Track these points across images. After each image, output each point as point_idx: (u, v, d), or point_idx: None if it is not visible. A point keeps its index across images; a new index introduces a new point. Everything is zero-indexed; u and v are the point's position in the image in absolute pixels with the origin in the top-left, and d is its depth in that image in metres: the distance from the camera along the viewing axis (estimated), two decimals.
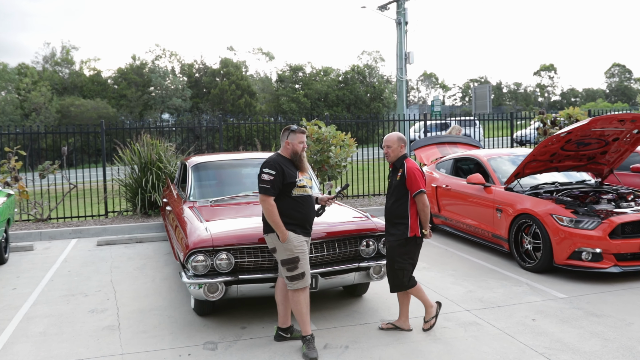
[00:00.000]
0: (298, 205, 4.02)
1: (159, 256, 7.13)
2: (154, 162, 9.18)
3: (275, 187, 3.94)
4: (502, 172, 6.91)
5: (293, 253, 3.95)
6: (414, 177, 4.16)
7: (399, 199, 4.19)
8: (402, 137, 4.33)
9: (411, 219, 4.17)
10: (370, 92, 38.46)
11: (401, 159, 4.27)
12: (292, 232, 3.98)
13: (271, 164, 4.01)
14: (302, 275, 3.96)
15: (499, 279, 5.71)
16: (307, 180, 4.15)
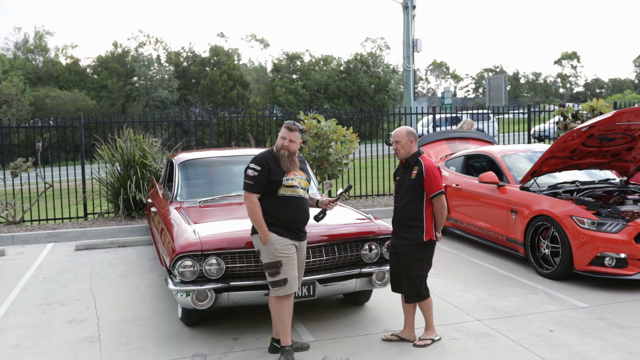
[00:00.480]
0: (284, 205, 4.05)
1: (144, 262, 7.17)
2: (138, 159, 9.22)
3: (259, 183, 4.00)
4: (517, 170, 6.95)
5: (275, 257, 3.99)
6: (433, 176, 4.17)
7: (414, 199, 4.20)
8: (411, 131, 4.33)
9: (427, 222, 4.19)
10: (375, 83, 38.49)
11: (415, 156, 4.28)
12: (276, 234, 4.01)
13: (258, 159, 4.08)
14: (284, 281, 3.98)
15: (513, 286, 5.75)
16: (300, 180, 4.17)
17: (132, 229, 8.57)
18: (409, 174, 4.27)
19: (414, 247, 4.18)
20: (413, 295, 4.26)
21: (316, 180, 6.19)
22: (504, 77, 22.83)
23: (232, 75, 35.06)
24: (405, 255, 4.20)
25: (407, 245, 4.19)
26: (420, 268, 4.21)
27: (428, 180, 4.18)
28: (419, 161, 4.26)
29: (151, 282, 6.24)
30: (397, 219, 4.30)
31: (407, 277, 4.22)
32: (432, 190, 4.19)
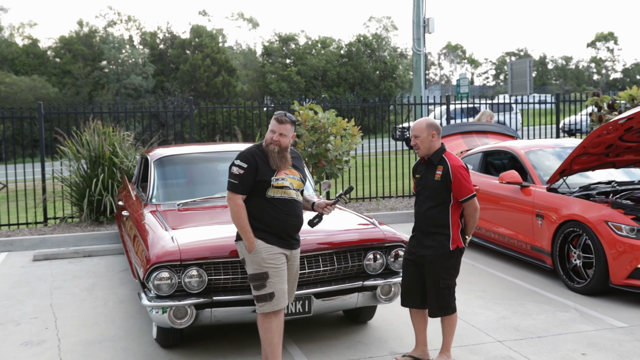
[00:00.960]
0: (274, 209, 4.06)
1: (113, 274, 7.15)
2: (107, 155, 9.21)
3: (244, 183, 4.00)
4: (543, 169, 6.96)
5: (261, 267, 3.99)
6: (462, 178, 4.16)
7: (440, 204, 4.18)
8: (433, 124, 4.27)
9: (453, 229, 4.19)
10: (380, 68, 38.54)
11: (439, 153, 4.25)
12: (263, 241, 4.01)
13: (244, 155, 4.09)
14: (270, 296, 3.98)
15: (539, 302, 5.75)
16: (292, 180, 4.16)
17: (99, 236, 8.56)
18: (431, 174, 4.23)
19: (441, 255, 4.18)
20: (441, 307, 4.24)
21: (312, 180, 6.19)
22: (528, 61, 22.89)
23: (216, 60, 35.06)
24: (431, 265, 4.20)
25: (431, 254, 4.19)
26: (448, 277, 4.22)
27: (457, 183, 4.15)
28: (444, 159, 4.22)
29: (122, 297, 6.22)
30: (419, 224, 4.28)
31: (434, 289, 4.22)
32: (462, 194, 4.17)
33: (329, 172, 9.17)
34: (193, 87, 34.24)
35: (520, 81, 22.90)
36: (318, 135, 9.16)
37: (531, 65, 22.78)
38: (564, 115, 14.47)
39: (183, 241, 4.41)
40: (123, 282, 6.75)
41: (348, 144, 9.25)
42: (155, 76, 35.52)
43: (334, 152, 9.06)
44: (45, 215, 9.66)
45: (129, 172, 9.13)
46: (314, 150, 9.08)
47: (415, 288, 4.35)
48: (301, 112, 9.30)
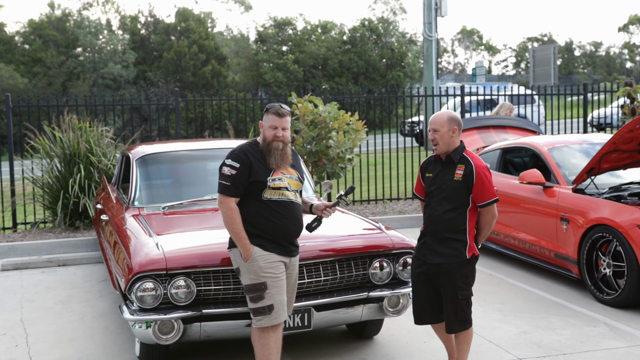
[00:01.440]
0: (271, 212, 4.10)
1: (91, 284, 7.19)
2: (84, 153, 9.24)
3: (237, 185, 4.04)
4: (569, 168, 7.00)
5: (258, 277, 4.02)
6: (486, 180, 4.18)
7: (457, 207, 4.21)
8: (455, 118, 4.28)
9: (469, 235, 4.23)
10: (387, 56, 38.59)
11: (459, 151, 4.26)
12: (260, 248, 4.05)
13: (236, 153, 4.12)
14: (269, 308, 4.01)
15: (564, 315, 5.79)
16: (290, 180, 4.21)
17: (75, 242, 8.59)
18: (450, 174, 4.24)
19: (457, 263, 4.21)
20: (460, 321, 4.26)
21: (312, 180, 6.23)
22: (553, 48, 22.99)
23: (204, 47, 35.10)
24: (447, 274, 4.22)
25: (447, 263, 4.21)
26: (465, 287, 4.25)
27: (480, 185, 4.17)
28: (466, 159, 4.23)
29: (101, 310, 6.25)
30: (432, 228, 4.28)
31: (451, 301, 4.24)
32: (483, 198, 4.19)
33: (331, 171, 9.20)
34: (179, 77, 34.26)
35: (544, 70, 23.00)
36: (318, 130, 9.19)
37: (556, 52, 22.89)
38: (593, 107, 14.45)
39: (169, 248, 4.44)
40: (102, 294, 6.78)
41: (352, 140, 9.28)
42: (136, 65, 35.56)
43: (336, 149, 9.08)
44: (15, 220, 9.69)
45: (108, 171, 9.16)
46: (313, 147, 9.12)
47: (430, 302, 4.36)
48: (299, 105, 9.33)
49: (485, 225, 4.29)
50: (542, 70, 22.86)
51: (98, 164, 9.28)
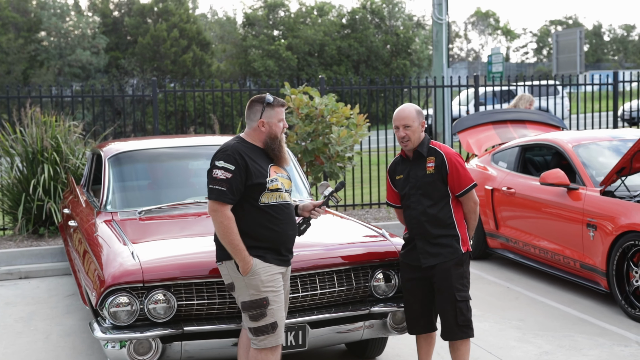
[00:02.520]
0: (270, 219, 4.12)
1: (57, 299, 7.19)
2: (49, 151, 9.24)
3: (234, 190, 4.05)
4: (597, 167, 7.03)
5: (259, 292, 4.05)
6: (460, 167, 4.43)
7: (438, 201, 4.42)
8: (421, 111, 4.55)
9: (459, 228, 4.44)
10: (391, 42, 38.64)
11: (426, 144, 4.50)
12: (260, 259, 4.07)
13: (229, 154, 4.11)
14: (272, 327, 4.05)
15: (591, 334, 5.82)
16: (282, 180, 4.25)
17: (39, 252, 8.59)
18: (421, 169, 4.45)
19: (452, 262, 4.38)
20: (461, 327, 4.38)
21: (307, 181, 6.25)
22: (579, 32, 23.02)
23: (185, 31, 35.08)
24: (443, 275, 4.37)
25: (442, 263, 4.36)
26: (463, 288, 4.41)
27: (455, 173, 4.40)
28: (434, 150, 4.47)
29: (68, 328, 6.26)
30: (419, 230, 4.44)
31: (450, 304, 4.37)
32: (461, 185, 4.42)
33: (329, 171, 9.21)
34: (156, 65, 34.22)
35: (569, 57, 23.05)
36: (315, 125, 9.21)
37: (582, 37, 22.92)
38: (624, 99, 14.50)
39: (146, 258, 4.46)
40: (70, 310, 6.79)
41: (352, 135, 9.28)
42: (108, 51, 35.49)
43: (336, 146, 9.08)
44: None
45: (76, 172, 9.16)
46: (309, 144, 9.13)
47: (425, 310, 4.53)
48: (293, 96, 9.35)
49: (470, 215, 4.49)
50: (567, 58, 22.90)
51: (65, 163, 9.28)
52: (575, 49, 22.53)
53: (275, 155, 4.23)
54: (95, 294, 4.45)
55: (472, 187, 4.44)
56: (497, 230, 7.89)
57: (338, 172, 9.30)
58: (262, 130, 4.19)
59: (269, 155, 4.24)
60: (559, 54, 23.35)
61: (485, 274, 7.66)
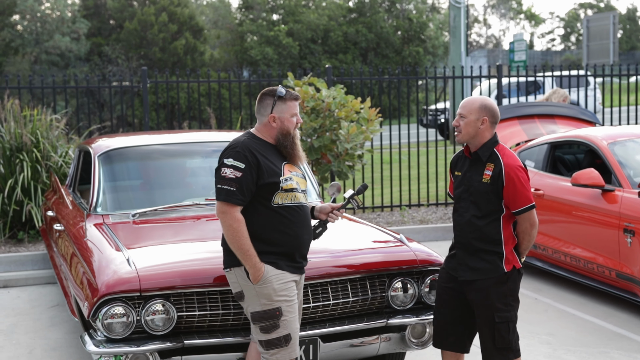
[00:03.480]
0: (283, 221, 4.17)
1: (40, 310, 7.23)
2: (29, 148, 9.28)
3: (244, 190, 4.09)
4: (634, 167, 7.06)
5: (272, 302, 4.09)
6: (519, 182, 4.30)
7: (488, 214, 4.35)
8: (489, 107, 4.40)
9: (506, 246, 4.35)
10: (403, 27, 38.66)
11: (489, 146, 4.38)
12: (272, 266, 4.12)
13: (238, 151, 4.15)
14: (285, 339, 4.10)
15: (629, 350, 5.86)
16: (297, 179, 4.30)
17: (18, 258, 8.62)
18: (477, 174, 4.37)
19: (493, 279, 4.33)
20: (499, 350, 4.35)
21: (315, 181, 6.30)
22: (612, 17, 23.06)
23: (175, 15, 35.10)
24: (481, 293, 4.34)
25: (482, 280, 4.33)
26: (505, 309, 4.34)
27: (511, 188, 4.29)
28: (495, 155, 4.35)
29: (53, 342, 6.29)
30: (461, 239, 4.43)
31: (487, 325, 4.35)
32: (516, 204, 4.31)
33: (337, 170, 9.24)
34: (143, 52, 34.26)
35: (601, 44, 23.08)
36: (321, 120, 9.24)
37: (616, 22, 22.93)
38: None
39: (143, 264, 4.50)
40: (55, 322, 6.82)
41: (363, 132, 9.30)
42: (89, 37, 35.51)
43: (345, 143, 9.10)
44: None
45: (60, 170, 9.19)
46: (316, 141, 9.16)
47: (457, 325, 4.49)
48: (297, 88, 9.38)
49: (523, 236, 4.40)
50: (599, 45, 22.94)
51: (46, 161, 9.31)
52: (608, 35, 22.57)
53: (288, 153, 4.27)
54: (87, 304, 4.48)
55: (530, 209, 4.32)
56: None
57: (347, 172, 9.32)
58: (273, 125, 4.24)
59: (282, 153, 4.30)
60: (590, 41, 23.39)
61: None
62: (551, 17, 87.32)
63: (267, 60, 35.30)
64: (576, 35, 66.86)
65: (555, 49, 70.04)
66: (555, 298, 7.24)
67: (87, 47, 34.99)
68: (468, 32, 55.80)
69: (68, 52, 34.08)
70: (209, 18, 42.61)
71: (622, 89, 14.57)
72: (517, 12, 67.01)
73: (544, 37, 72.57)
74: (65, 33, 34.34)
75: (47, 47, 33.94)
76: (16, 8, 35.04)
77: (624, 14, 65.30)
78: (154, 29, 33.99)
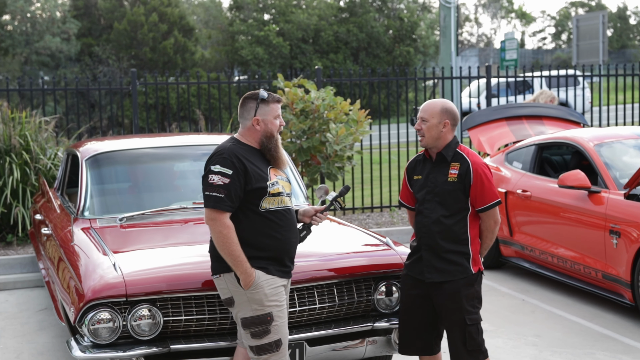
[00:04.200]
0: (272, 226, 4.20)
1: (28, 314, 7.23)
2: (17, 150, 9.27)
3: (232, 196, 4.11)
4: (621, 168, 7.09)
5: (263, 307, 4.12)
6: (486, 179, 4.40)
7: (455, 213, 4.42)
8: (449, 110, 4.49)
9: (472, 246, 4.45)
10: (394, 27, 38.68)
11: (452, 147, 4.48)
12: (263, 271, 4.15)
13: (225, 157, 4.16)
14: (276, 344, 4.13)
15: (615, 351, 5.88)
16: (283, 183, 4.34)
17: (7, 262, 8.60)
18: (442, 174, 4.45)
19: (462, 281, 4.39)
20: (470, 352, 4.41)
21: (303, 183, 6.31)
22: (601, 16, 23.06)
23: (165, 15, 35.03)
24: (451, 296, 4.39)
25: (451, 282, 4.38)
26: (474, 311, 4.43)
27: (479, 185, 4.38)
28: (461, 155, 4.45)
29: (41, 346, 6.29)
30: (428, 240, 4.47)
31: (458, 328, 4.41)
32: (484, 201, 4.41)
33: (326, 172, 9.26)
34: (133, 53, 34.16)
35: (590, 43, 23.09)
36: (311, 122, 9.26)
37: (606, 21, 22.94)
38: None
39: (129, 269, 4.52)
40: (43, 326, 6.82)
41: (352, 133, 9.32)
42: (80, 38, 35.41)
43: (335, 145, 9.12)
44: None
45: (48, 173, 9.18)
46: (304, 142, 9.19)
47: (424, 330, 4.55)
48: (287, 90, 9.40)
49: (487, 234, 4.49)
50: (588, 44, 22.96)
51: (36, 163, 9.29)
52: (598, 34, 22.59)
53: (272, 156, 4.30)
54: (74, 309, 4.50)
55: (496, 204, 4.42)
56: (511, 237, 7.97)
57: (336, 173, 9.34)
58: (257, 128, 4.26)
59: (266, 157, 4.32)
60: (580, 41, 23.41)
61: (498, 285, 7.73)
62: (542, 15, 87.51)
63: (258, 60, 35.26)
64: (567, 34, 66.91)
65: (547, 47, 70.10)
66: (543, 299, 7.27)
67: (78, 47, 34.90)
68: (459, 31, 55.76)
69: (58, 52, 33.99)
70: (200, 18, 42.55)
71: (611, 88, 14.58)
72: (508, 11, 67.09)
73: (535, 35, 72.52)
74: (55, 33, 34.24)
75: (38, 47, 33.84)
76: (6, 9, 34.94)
77: (614, 13, 65.40)
78: (144, 29, 33.90)
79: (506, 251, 8.12)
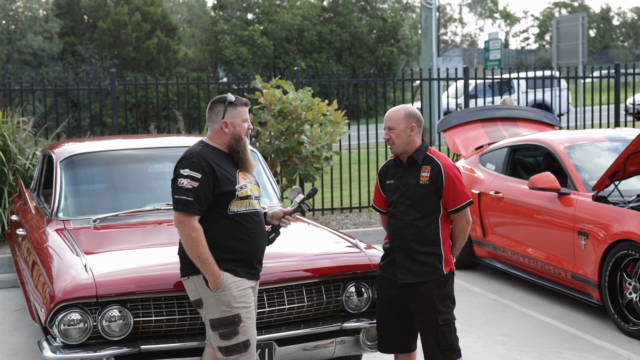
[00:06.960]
0: (240, 229, 4.26)
1: (4, 314, 7.24)
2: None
3: (201, 199, 4.16)
4: (590, 170, 7.18)
5: (231, 309, 4.18)
6: (457, 181, 4.50)
7: (427, 215, 4.50)
8: (413, 113, 4.60)
9: (444, 246, 4.53)
10: (378, 27, 38.74)
11: (422, 150, 4.57)
12: (231, 273, 4.21)
13: (194, 161, 4.22)
14: (244, 345, 4.20)
15: (581, 350, 5.97)
16: (251, 186, 4.40)
17: None
18: (414, 177, 4.52)
19: (434, 282, 4.48)
20: (443, 351, 4.50)
21: (276, 185, 6.36)
22: (581, 18, 23.19)
23: (149, 15, 34.93)
24: (423, 296, 4.48)
25: (423, 283, 4.47)
26: (446, 311, 4.51)
27: (451, 186, 4.48)
28: (431, 158, 4.54)
29: (16, 347, 6.31)
30: (400, 242, 4.54)
31: (431, 328, 4.49)
32: (456, 202, 4.50)
33: (303, 173, 9.30)
34: (117, 52, 34.05)
35: (570, 45, 23.24)
36: (288, 123, 9.31)
37: (585, 23, 23.07)
38: (634, 91, 14.52)
39: (100, 271, 4.56)
40: (18, 327, 6.84)
41: (329, 134, 9.36)
42: (62, 36, 35.23)
43: (311, 145, 9.16)
44: None
45: (26, 174, 9.18)
46: (282, 143, 9.23)
47: (400, 329, 4.63)
48: (265, 90, 9.43)
49: (459, 234, 4.59)
50: (568, 46, 23.13)
51: (13, 164, 9.28)
52: (577, 36, 22.76)
53: (240, 159, 4.36)
54: (45, 309, 4.54)
55: (468, 205, 4.51)
56: (484, 237, 8.05)
57: (314, 174, 9.37)
58: (226, 131, 4.32)
59: (234, 160, 4.37)
60: (560, 42, 23.58)
61: (471, 285, 7.82)
62: (526, 16, 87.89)
63: (242, 59, 35.22)
64: (550, 34, 67.10)
65: (530, 47, 70.39)
66: (514, 299, 7.36)
67: (60, 46, 34.72)
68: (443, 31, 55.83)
69: (41, 51, 33.81)
70: (183, 17, 42.47)
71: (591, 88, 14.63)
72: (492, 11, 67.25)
73: (518, 35, 72.87)
74: (37, 32, 34.05)
75: (20, 46, 33.65)
76: None
77: (597, 13, 65.71)
78: (128, 28, 33.79)
79: (479, 252, 8.20)
